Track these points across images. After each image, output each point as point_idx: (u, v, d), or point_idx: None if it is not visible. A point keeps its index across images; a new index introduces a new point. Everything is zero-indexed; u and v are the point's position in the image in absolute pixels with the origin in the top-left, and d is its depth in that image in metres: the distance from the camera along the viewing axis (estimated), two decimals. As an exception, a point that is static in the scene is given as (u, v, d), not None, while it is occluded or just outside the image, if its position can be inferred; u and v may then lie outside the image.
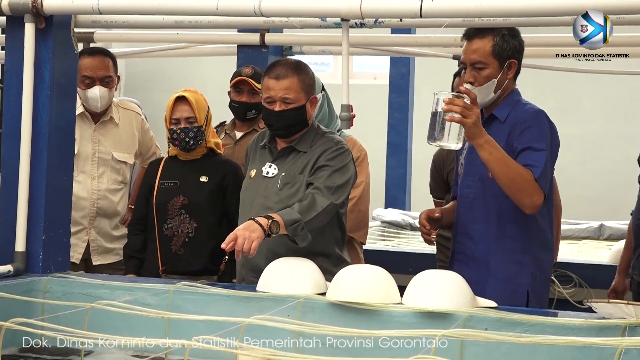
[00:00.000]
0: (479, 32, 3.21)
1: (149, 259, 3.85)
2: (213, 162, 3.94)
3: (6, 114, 3.35)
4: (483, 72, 3.19)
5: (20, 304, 2.88)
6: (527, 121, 3.20)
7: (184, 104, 3.80)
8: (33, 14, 3.22)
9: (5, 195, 3.32)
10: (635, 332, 2.51)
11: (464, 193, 3.33)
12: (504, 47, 3.19)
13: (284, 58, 3.43)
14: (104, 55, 4.16)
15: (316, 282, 3.00)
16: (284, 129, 3.34)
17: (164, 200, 3.83)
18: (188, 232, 3.79)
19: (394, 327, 2.66)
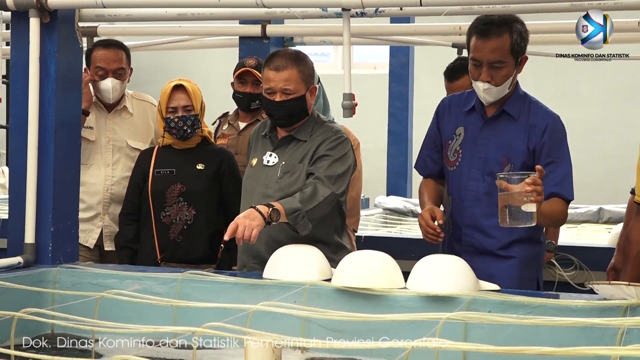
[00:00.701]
0: (496, 30, 3.09)
1: (145, 247, 3.81)
2: (208, 150, 3.93)
3: (13, 109, 3.36)
4: (502, 71, 3.12)
5: (30, 295, 2.90)
6: (549, 128, 3.19)
7: (181, 92, 3.79)
8: (38, 8, 3.22)
9: (14, 189, 3.33)
10: (637, 313, 2.51)
11: (469, 186, 3.27)
12: (520, 45, 3.13)
13: (283, 49, 3.43)
14: (118, 48, 4.16)
15: (321, 268, 3.01)
16: (284, 119, 3.35)
17: (161, 188, 3.80)
18: (186, 220, 3.78)
19: (399, 311, 2.67)
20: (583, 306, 2.60)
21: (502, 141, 3.23)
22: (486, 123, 3.26)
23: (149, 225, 3.80)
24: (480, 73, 3.12)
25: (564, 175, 3.20)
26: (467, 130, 3.30)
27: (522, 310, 2.65)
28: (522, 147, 3.20)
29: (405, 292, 2.81)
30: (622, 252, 3.34)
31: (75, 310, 2.64)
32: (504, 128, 3.20)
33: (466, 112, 3.31)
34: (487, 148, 3.25)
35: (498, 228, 3.15)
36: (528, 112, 3.23)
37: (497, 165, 3.19)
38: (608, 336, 2.39)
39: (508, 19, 3.12)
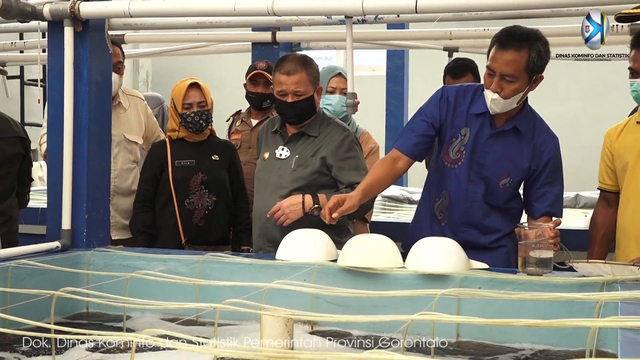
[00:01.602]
0: (516, 43, 2.84)
1: (169, 232, 3.79)
2: (217, 143, 3.94)
3: (50, 109, 3.36)
4: (512, 85, 2.87)
5: (67, 276, 2.89)
6: (553, 154, 3.07)
7: (195, 89, 3.79)
8: (71, 18, 3.21)
9: (52, 181, 3.33)
10: (612, 288, 2.51)
11: (469, 188, 3.09)
12: (537, 64, 2.87)
13: (291, 54, 3.44)
14: (114, 44, 4.13)
15: (328, 250, 3.00)
16: (296, 118, 3.37)
17: (184, 177, 3.79)
18: (207, 206, 3.79)
19: (399, 288, 2.66)
20: (564, 282, 2.59)
21: (506, 155, 3.05)
22: (494, 134, 3.04)
23: (172, 212, 3.79)
24: (492, 82, 2.89)
25: (557, 195, 3.11)
26: (472, 134, 3.06)
27: (509, 286, 2.64)
28: (524, 165, 3.05)
29: (404, 271, 2.80)
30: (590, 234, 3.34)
31: (108, 289, 2.63)
32: (511, 143, 3.03)
33: (474, 115, 3.05)
34: (489, 157, 3.05)
35: (494, 227, 3.14)
36: (533, 129, 3.05)
37: (495, 175, 3.05)
38: (587, 309, 2.38)
39: (532, 36, 2.87)
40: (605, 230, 3.26)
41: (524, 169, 3.06)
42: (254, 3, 3.12)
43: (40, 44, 3.75)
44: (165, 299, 2.56)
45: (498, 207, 3.13)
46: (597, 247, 3.26)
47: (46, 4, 3.24)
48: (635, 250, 3.04)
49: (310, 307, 2.78)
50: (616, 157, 3.21)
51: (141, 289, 2.76)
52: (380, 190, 3.14)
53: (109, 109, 3.49)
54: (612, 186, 3.26)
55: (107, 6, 3.24)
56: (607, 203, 3.29)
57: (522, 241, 2.72)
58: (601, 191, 3.34)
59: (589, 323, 1.88)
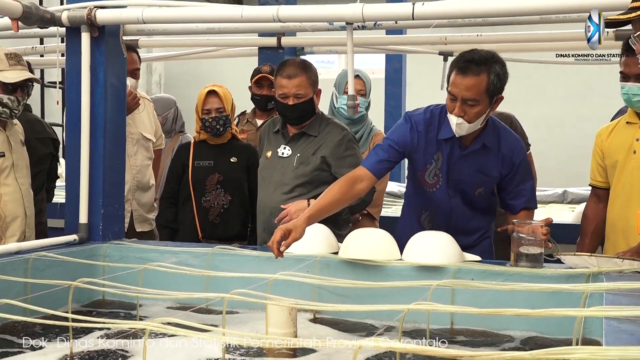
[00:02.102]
0: (475, 68, 2.75)
1: (187, 228, 3.82)
2: (237, 145, 3.94)
3: (68, 110, 3.35)
4: (475, 108, 2.79)
5: (84, 267, 2.89)
6: (519, 157, 3.02)
7: (214, 96, 3.79)
8: (88, 24, 3.21)
9: (70, 178, 3.32)
10: (598, 279, 2.50)
11: (452, 204, 3.06)
12: (497, 86, 2.79)
13: (292, 58, 3.42)
14: (133, 51, 4.13)
15: (330, 243, 2.99)
16: (297, 119, 3.36)
17: (202, 177, 3.81)
18: (223, 204, 3.79)
19: (396, 279, 2.66)
20: (552, 274, 2.58)
21: (478, 169, 3.00)
22: (466, 154, 2.98)
23: (190, 209, 3.81)
24: (454, 107, 2.81)
25: (531, 191, 3.10)
26: (445, 157, 3.00)
27: (500, 277, 2.63)
28: (495, 174, 3.02)
29: (401, 263, 2.80)
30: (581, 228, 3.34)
31: (122, 279, 2.62)
32: (481, 158, 2.97)
33: (443, 140, 2.97)
34: (463, 173, 3.01)
35: (477, 226, 3.13)
36: (499, 141, 2.98)
37: (470, 187, 3.03)
38: (574, 299, 2.37)
39: (489, 59, 2.79)
40: (596, 224, 3.26)
41: (495, 177, 3.04)
42: (260, 10, 3.12)
43: (59, 49, 3.75)
44: (177, 289, 2.56)
45: (478, 211, 3.13)
46: (588, 240, 3.26)
47: (64, 11, 3.23)
48: (622, 244, 3.03)
49: (313, 296, 2.78)
50: (606, 155, 3.21)
51: (154, 279, 2.75)
52: (334, 211, 2.86)
53: (123, 109, 3.48)
54: (603, 183, 3.26)
55: (122, 13, 3.23)
56: (598, 199, 3.29)
57: (515, 238, 2.71)
58: (592, 187, 3.33)
59: (575, 313, 1.87)
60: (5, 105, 3.16)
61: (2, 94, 3.15)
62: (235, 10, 3.10)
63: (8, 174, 3.22)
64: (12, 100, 3.17)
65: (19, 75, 3.17)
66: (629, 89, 3.04)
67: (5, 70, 3.15)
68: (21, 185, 3.29)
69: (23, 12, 3.05)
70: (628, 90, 3.04)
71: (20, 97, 3.20)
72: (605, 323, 1.76)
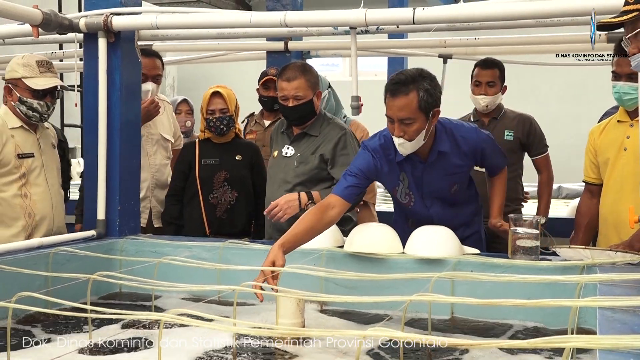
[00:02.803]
0: (403, 89, 2.68)
1: (195, 224, 3.77)
2: (241, 144, 3.91)
3: (86, 112, 3.35)
4: (412, 126, 2.71)
5: (102, 261, 2.89)
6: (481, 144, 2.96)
7: (218, 97, 3.75)
8: (105, 30, 3.21)
9: (88, 176, 3.33)
10: (592, 271, 2.49)
11: (431, 212, 3.01)
12: (429, 101, 2.69)
13: (292, 62, 3.39)
14: (156, 57, 4.12)
15: (335, 237, 2.99)
16: (297, 120, 3.35)
17: (209, 175, 3.78)
18: (230, 201, 3.76)
19: (399, 271, 2.65)
20: (548, 266, 2.58)
21: (447, 173, 2.94)
22: (427, 166, 2.92)
23: (197, 205, 3.78)
24: (394, 129, 2.75)
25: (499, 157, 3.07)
26: (409, 176, 2.96)
27: (498, 269, 2.63)
28: (464, 169, 2.98)
29: (404, 256, 2.79)
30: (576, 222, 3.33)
31: (138, 272, 2.63)
32: (445, 163, 2.91)
33: (402, 161, 2.92)
34: (434, 184, 2.96)
35: (464, 222, 3.09)
36: (455, 142, 2.90)
37: (445, 190, 2.99)
38: (569, 290, 2.37)
39: (416, 77, 2.71)
40: (589, 219, 3.25)
41: (465, 171, 3.01)
42: (268, 16, 3.11)
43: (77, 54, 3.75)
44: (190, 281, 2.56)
45: (459, 205, 3.08)
46: (582, 234, 3.25)
47: (82, 18, 3.24)
48: (614, 237, 3.02)
49: (320, 288, 2.78)
50: (599, 153, 3.21)
51: (168, 272, 2.76)
52: (309, 239, 2.73)
53: (138, 111, 3.48)
54: (596, 179, 3.25)
55: (137, 19, 3.23)
56: (591, 194, 3.28)
57: (511, 232, 2.70)
58: (586, 184, 3.33)
59: (570, 303, 1.86)
60: (36, 110, 3.19)
61: (32, 99, 3.17)
62: (245, 16, 3.10)
63: (38, 175, 3.23)
64: (42, 105, 3.19)
65: (49, 82, 3.19)
66: (620, 88, 3.03)
67: (36, 77, 3.17)
68: (51, 186, 3.29)
69: (43, 19, 3.05)
70: (619, 89, 3.03)
71: (49, 102, 3.23)
72: (599, 313, 1.75)
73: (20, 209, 3.14)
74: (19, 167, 3.16)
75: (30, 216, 3.17)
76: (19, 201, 3.14)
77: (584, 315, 2.35)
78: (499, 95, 3.93)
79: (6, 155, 3.12)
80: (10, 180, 3.14)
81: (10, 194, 3.13)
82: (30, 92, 3.17)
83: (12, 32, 3.55)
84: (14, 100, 3.19)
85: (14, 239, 3.07)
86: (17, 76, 3.17)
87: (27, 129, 3.23)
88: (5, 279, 2.47)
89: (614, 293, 1.99)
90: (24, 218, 3.15)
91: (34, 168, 3.22)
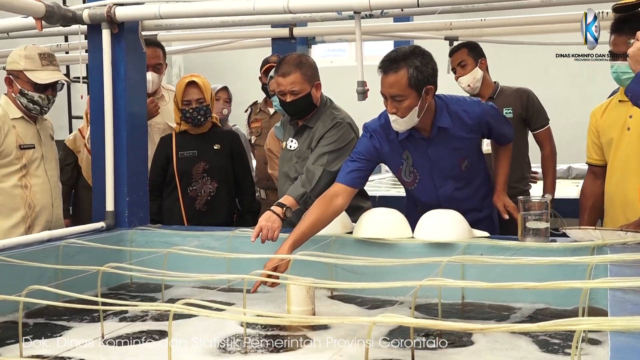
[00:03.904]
0: (393, 66, 2.72)
1: (173, 218, 3.71)
2: (219, 132, 3.86)
3: (92, 104, 3.35)
4: (403, 103, 2.73)
5: (112, 252, 2.90)
6: (485, 116, 2.95)
7: (193, 87, 3.69)
8: (108, 22, 3.21)
9: (96, 168, 3.34)
10: (602, 251, 2.48)
11: (439, 193, 3.01)
12: (419, 77, 2.71)
13: (289, 55, 3.31)
14: (156, 47, 4.10)
15: (344, 223, 2.99)
16: (296, 114, 3.31)
17: (187, 167, 3.72)
18: (210, 192, 3.72)
19: (408, 256, 2.64)
20: (558, 247, 2.57)
21: (453, 148, 2.94)
22: (430, 142, 2.92)
23: (175, 199, 3.73)
24: (387, 105, 2.79)
25: (506, 127, 3.07)
26: (413, 153, 2.96)
27: (508, 252, 2.62)
28: (471, 143, 2.98)
29: (413, 240, 2.79)
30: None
31: (149, 262, 2.64)
32: (449, 138, 2.91)
33: (404, 139, 2.93)
34: (441, 160, 2.96)
35: (474, 203, 3.07)
36: (458, 116, 2.90)
37: (456, 167, 2.98)
38: (579, 271, 2.35)
39: (407, 55, 2.73)
40: (593, 200, 3.23)
41: (472, 145, 3.01)
42: (271, 2, 3.09)
43: (81, 45, 3.75)
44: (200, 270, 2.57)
45: (470, 186, 3.07)
46: (587, 215, 3.24)
47: (85, 9, 3.23)
48: (621, 216, 3.00)
49: (330, 274, 2.78)
50: (602, 134, 3.18)
51: (178, 261, 2.77)
52: (317, 232, 2.79)
53: (144, 101, 3.48)
54: (599, 160, 3.23)
55: (140, 9, 3.22)
56: (595, 176, 3.26)
57: (521, 215, 2.69)
58: (589, 165, 3.31)
59: (581, 285, 1.85)
60: (37, 103, 3.19)
61: (33, 92, 3.18)
62: (248, 3, 3.08)
63: (38, 166, 3.25)
64: (43, 99, 3.20)
65: (50, 76, 3.19)
66: (618, 68, 2.98)
67: (37, 70, 3.18)
68: (50, 177, 3.31)
69: (46, 12, 3.05)
70: (617, 68, 2.99)
71: (50, 95, 3.23)
72: (609, 294, 1.74)
73: (20, 200, 3.15)
74: (20, 158, 3.17)
75: (30, 207, 3.19)
76: (19, 192, 3.16)
77: (595, 295, 2.34)
78: (476, 70, 3.91)
79: (8, 145, 3.13)
80: (11, 171, 3.15)
81: (11, 184, 3.15)
82: (31, 85, 3.17)
83: (16, 26, 3.54)
84: (14, 92, 3.19)
85: (13, 230, 3.10)
86: (19, 68, 3.17)
87: (27, 120, 3.24)
88: (16, 272, 2.49)
89: (625, 274, 1.98)
90: (24, 209, 3.17)
91: (34, 159, 3.23)
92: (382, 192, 5.29)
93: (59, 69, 3.30)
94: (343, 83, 5.30)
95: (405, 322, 1.49)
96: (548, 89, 9.68)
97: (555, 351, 1.99)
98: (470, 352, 2.00)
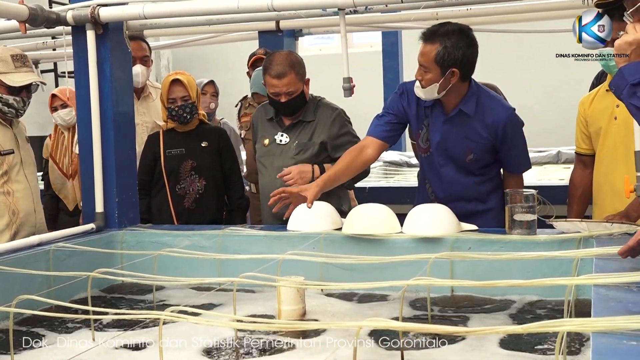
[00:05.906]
0: (432, 37, 2.84)
1: (163, 217, 3.71)
2: (207, 129, 3.84)
3: (79, 105, 3.35)
4: (427, 75, 2.86)
5: (103, 255, 2.91)
6: (508, 125, 2.98)
7: (178, 85, 3.69)
8: (92, 22, 3.20)
9: (84, 170, 3.34)
10: (589, 243, 2.50)
11: (441, 172, 3.09)
12: (445, 57, 2.81)
13: (277, 53, 3.32)
14: (141, 40, 4.10)
15: (333, 220, 3.00)
16: (290, 112, 3.37)
17: (175, 165, 3.72)
18: (198, 190, 3.72)
19: (397, 252, 2.67)
20: (545, 240, 2.59)
21: (465, 135, 3.01)
22: (447, 120, 3.01)
23: (164, 198, 3.73)
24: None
25: (521, 155, 3.10)
26: (432, 123, 3.06)
27: (496, 246, 2.64)
28: (483, 141, 3.01)
29: (401, 235, 2.81)
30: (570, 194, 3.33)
31: (139, 265, 2.65)
32: (465, 124, 2.99)
33: (429, 107, 3.05)
34: (450, 140, 3.03)
35: (478, 194, 3.11)
36: (482, 111, 2.98)
37: (460, 154, 3.03)
38: (566, 264, 2.38)
39: (447, 33, 2.84)
40: (582, 189, 3.26)
41: (484, 144, 3.02)
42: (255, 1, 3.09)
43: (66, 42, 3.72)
44: (191, 270, 2.59)
45: (474, 177, 3.10)
46: (576, 205, 3.26)
47: (69, 11, 3.22)
48: (609, 205, 3.03)
49: (320, 272, 2.79)
50: (590, 123, 3.20)
51: (169, 262, 2.77)
52: (346, 178, 3.09)
53: (131, 101, 3.47)
54: (588, 150, 3.25)
55: (124, 10, 3.21)
56: (584, 165, 3.28)
57: (508, 207, 2.71)
58: (578, 155, 3.33)
59: (565, 282, 1.88)
60: (11, 105, 3.18)
61: (7, 95, 3.16)
62: (232, 3, 3.08)
63: (18, 171, 3.23)
64: (18, 101, 3.19)
65: (25, 79, 3.18)
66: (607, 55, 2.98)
67: (11, 72, 3.16)
68: (30, 181, 3.29)
69: (29, 15, 3.04)
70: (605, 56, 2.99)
71: (25, 97, 3.22)
72: (594, 291, 1.76)
73: (4, 207, 3.15)
74: (0, 164, 3.16)
75: (15, 213, 3.18)
76: (2, 199, 3.15)
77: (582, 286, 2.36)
78: None
79: None
80: None
81: None
82: (5, 88, 3.15)
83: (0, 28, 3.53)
84: None
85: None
86: None
87: (4, 124, 3.23)
88: (7, 279, 2.48)
89: (610, 268, 2.00)
90: (8, 215, 3.16)
91: (14, 164, 3.21)
92: (372, 182, 5.31)
93: (32, 70, 3.29)
94: (332, 71, 5.31)
95: (393, 327, 1.51)
96: (539, 72, 9.73)
97: (545, 343, 2.01)
98: (459, 348, 2.02)
